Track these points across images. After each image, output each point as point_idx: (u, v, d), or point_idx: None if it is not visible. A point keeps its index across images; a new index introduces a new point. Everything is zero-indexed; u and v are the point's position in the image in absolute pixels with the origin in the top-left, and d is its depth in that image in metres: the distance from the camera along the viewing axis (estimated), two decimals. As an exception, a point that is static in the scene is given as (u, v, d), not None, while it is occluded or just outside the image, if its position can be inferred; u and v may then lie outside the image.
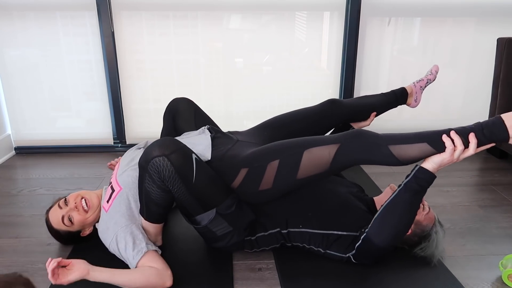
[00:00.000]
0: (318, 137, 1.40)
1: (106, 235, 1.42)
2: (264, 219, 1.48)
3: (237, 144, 1.53)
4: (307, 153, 1.35)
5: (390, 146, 1.29)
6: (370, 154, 1.32)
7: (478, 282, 1.39)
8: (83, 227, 1.51)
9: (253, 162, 1.40)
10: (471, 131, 1.25)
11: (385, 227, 1.34)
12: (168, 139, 1.33)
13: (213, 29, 2.50)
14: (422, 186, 1.30)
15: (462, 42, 2.61)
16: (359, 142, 1.33)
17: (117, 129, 2.65)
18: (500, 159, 2.49)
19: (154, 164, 1.27)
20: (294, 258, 1.50)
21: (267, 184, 1.39)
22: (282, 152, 1.39)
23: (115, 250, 1.39)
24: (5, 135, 2.58)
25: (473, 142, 1.23)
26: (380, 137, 1.32)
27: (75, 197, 1.50)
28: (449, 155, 1.25)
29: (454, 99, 2.74)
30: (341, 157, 1.34)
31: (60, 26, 2.43)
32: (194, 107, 1.80)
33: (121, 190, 1.45)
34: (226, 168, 1.42)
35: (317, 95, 2.68)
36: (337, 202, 1.50)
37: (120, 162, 1.58)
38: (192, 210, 1.37)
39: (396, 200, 1.33)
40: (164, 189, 1.32)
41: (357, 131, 1.36)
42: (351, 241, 1.42)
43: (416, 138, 1.29)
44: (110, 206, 1.45)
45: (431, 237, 1.44)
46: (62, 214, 1.46)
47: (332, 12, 2.51)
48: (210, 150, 1.48)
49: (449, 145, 1.24)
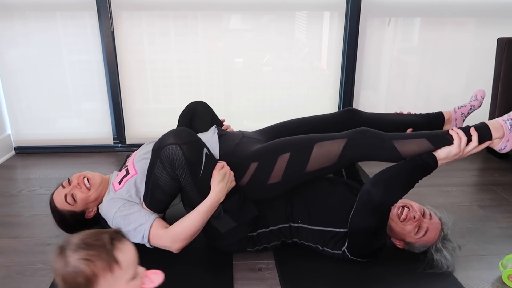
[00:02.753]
0: (326, 134, 1.46)
1: (112, 206, 1.43)
2: (265, 215, 1.48)
3: (244, 139, 1.56)
4: (317, 146, 1.42)
5: (393, 140, 1.39)
6: (375, 148, 1.40)
7: (478, 282, 1.39)
8: (86, 206, 1.52)
9: (264, 156, 1.44)
10: (470, 127, 1.38)
11: (385, 180, 1.34)
12: (184, 129, 1.37)
13: (213, 29, 2.50)
14: (425, 162, 1.36)
15: (462, 42, 2.61)
16: (365, 137, 1.41)
17: (117, 129, 2.65)
18: (500, 159, 2.49)
19: (166, 151, 1.30)
20: (294, 258, 1.50)
21: (276, 177, 1.43)
22: (293, 145, 1.44)
23: (121, 216, 1.40)
24: (5, 135, 2.58)
25: (475, 134, 1.36)
26: (384, 133, 1.42)
27: (78, 176, 1.54)
28: (456, 146, 1.34)
29: (454, 99, 2.74)
30: (348, 151, 1.40)
31: (60, 26, 2.43)
32: (211, 112, 1.85)
33: (136, 174, 1.49)
34: (235, 163, 1.44)
35: (317, 95, 2.68)
36: (336, 199, 1.50)
37: (138, 150, 1.61)
38: (195, 203, 1.38)
39: (399, 165, 1.39)
40: (172, 177, 1.34)
41: (363, 128, 1.44)
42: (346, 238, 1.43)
43: (416, 135, 1.41)
44: (121, 188, 1.48)
45: (431, 256, 1.43)
46: (65, 193, 1.49)
47: (332, 12, 2.51)
48: (218, 148, 1.51)
49: (456, 137, 1.35)
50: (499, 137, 1.38)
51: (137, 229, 1.38)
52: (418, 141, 1.38)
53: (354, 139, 1.41)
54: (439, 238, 1.43)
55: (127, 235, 1.40)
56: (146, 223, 1.38)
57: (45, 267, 1.47)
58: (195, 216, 1.36)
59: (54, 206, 1.51)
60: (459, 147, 1.34)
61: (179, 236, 1.36)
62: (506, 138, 1.38)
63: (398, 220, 1.42)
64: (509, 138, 1.38)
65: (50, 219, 1.54)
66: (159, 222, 1.41)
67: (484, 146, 1.38)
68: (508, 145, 1.39)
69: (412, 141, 1.38)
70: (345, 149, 1.40)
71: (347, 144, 1.40)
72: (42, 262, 1.50)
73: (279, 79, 2.64)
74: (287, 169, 1.42)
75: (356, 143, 1.40)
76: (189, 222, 1.36)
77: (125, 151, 2.65)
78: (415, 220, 1.40)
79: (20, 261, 1.51)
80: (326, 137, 1.44)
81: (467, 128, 1.38)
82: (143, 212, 1.41)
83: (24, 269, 1.47)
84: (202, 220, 1.36)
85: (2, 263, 1.51)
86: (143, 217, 1.39)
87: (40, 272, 1.45)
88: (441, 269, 1.40)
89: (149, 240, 1.39)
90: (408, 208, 1.43)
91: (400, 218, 1.42)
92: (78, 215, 1.52)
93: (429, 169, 1.38)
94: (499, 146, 1.39)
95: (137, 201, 1.46)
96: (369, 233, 1.36)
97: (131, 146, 2.65)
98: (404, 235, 1.43)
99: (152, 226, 1.38)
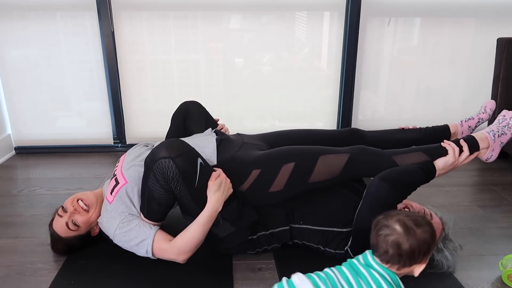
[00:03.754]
0: (330, 147, 1.50)
1: (111, 223, 1.41)
2: (265, 218, 1.48)
3: (244, 145, 1.55)
4: (322, 159, 1.45)
5: (392, 156, 1.46)
6: (376, 163, 1.45)
7: (478, 282, 1.39)
8: (90, 227, 1.50)
9: (267, 164, 1.44)
10: (460, 139, 1.50)
11: (393, 176, 1.37)
12: (176, 141, 1.35)
13: (213, 29, 2.50)
14: (427, 167, 1.43)
15: (462, 42, 2.61)
16: (366, 153, 1.48)
17: (117, 129, 2.65)
18: (500, 159, 2.48)
19: (159, 165, 1.29)
20: (294, 258, 1.50)
21: (279, 186, 1.43)
22: (298, 155, 1.45)
23: (121, 233, 1.38)
24: (5, 135, 2.58)
25: (465, 145, 1.47)
26: (382, 150, 1.49)
27: (71, 201, 1.48)
28: (452, 156, 1.44)
29: (454, 99, 2.74)
30: (351, 166, 1.45)
31: (60, 26, 2.43)
32: (205, 111, 1.82)
33: (126, 183, 1.46)
34: (235, 170, 1.43)
35: (317, 95, 2.68)
36: (338, 199, 1.51)
37: (126, 156, 1.58)
38: (193, 212, 1.37)
39: (404, 167, 1.45)
40: (167, 189, 1.33)
41: (361, 146, 1.51)
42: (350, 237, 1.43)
43: (413, 149, 1.50)
44: (114, 198, 1.45)
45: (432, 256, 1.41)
46: (65, 221, 1.44)
47: (332, 12, 2.51)
48: (216, 154, 1.49)
49: (449, 148, 1.46)
50: (485, 147, 1.51)
51: (140, 244, 1.37)
52: (415, 154, 1.47)
53: (356, 154, 1.46)
54: (440, 238, 1.43)
55: (132, 250, 1.40)
56: (148, 238, 1.37)
57: (45, 267, 1.47)
58: (196, 228, 1.35)
59: (58, 236, 1.46)
60: (454, 156, 1.44)
61: (183, 249, 1.36)
62: (491, 148, 1.52)
63: None
64: (494, 148, 1.52)
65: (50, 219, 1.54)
66: (160, 235, 1.39)
67: (474, 156, 1.50)
68: (494, 155, 1.53)
69: (410, 154, 1.47)
70: (348, 164, 1.45)
71: (350, 159, 1.45)
72: (42, 262, 1.50)
73: (279, 79, 2.64)
74: (291, 179, 1.42)
75: (358, 159, 1.46)
76: (190, 234, 1.35)
77: (125, 151, 2.63)
78: None
79: (20, 261, 1.51)
80: (330, 150, 1.48)
81: (456, 141, 1.49)
82: (142, 227, 1.39)
83: (24, 269, 1.47)
84: (203, 232, 1.36)
85: (2, 263, 1.51)
86: (143, 232, 1.38)
87: (40, 272, 1.45)
88: (441, 269, 1.40)
89: (154, 254, 1.38)
90: (408, 208, 1.44)
91: None
92: (85, 237, 1.50)
93: (429, 176, 1.44)
94: (486, 155, 1.52)
95: (133, 211, 1.43)
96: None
97: (131, 146, 2.62)
98: None
99: (154, 241, 1.37)
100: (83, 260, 1.49)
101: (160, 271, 1.44)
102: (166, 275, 1.42)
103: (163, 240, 1.38)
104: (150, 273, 1.42)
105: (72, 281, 1.39)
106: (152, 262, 1.45)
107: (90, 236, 1.52)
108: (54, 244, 1.50)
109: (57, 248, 1.50)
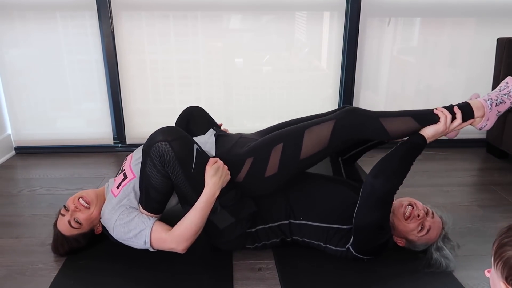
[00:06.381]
0: (315, 120, 1.49)
1: (112, 214, 1.43)
2: (265, 211, 1.49)
3: (241, 139, 1.57)
4: (307, 132, 1.45)
5: (380, 118, 1.42)
6: (363, 126, 1.43)
7: (478, 282, 1.39)
8: (92, 224, 1.51)
9: (258, 150, 1.46)
10: (454, 105, 1.45)
11: (383, 169, 1.37)
12: (172, 127, 1.39)
13: (213, 29, 2.50)
14: (415, 143, 1.41)
15: (462, 42, 2.61)
16: (352, 116, 1.44)
17: (117, 129, 2.65)
18: (500, 159, 2.49)
19: (156, 149, 1.31)
20: (294, 258, 1.50)
21: (273, 169, 1.44)
22: (284, 136, 1.47)
23: (120, 224, 1.39)
24: (5, 135, 2.58)
25: (459, 112, 1.43)
26: (370, 111, 1.46)
27: (72, 200, 1.51)
28: (443, 124, 1.41)
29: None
30: (338, 132, 1.43)
31: (60, 26, 2.43)
32: (208, 116, 1.86)
33: (134, 178, 1.48)
34: (232, 161, 1.45)
35: (317, 95, 2.68)
36: (338, 197, 1.51)
37: (134, 154, 1.60)
38: (191, 200, 1.39)
39: (392, 152, 1.42)
40: (164, 175, 1.35)
41: (349, 107, 1.48)
42: (351, 235, 1.43)
43: (402, 113, 1.46)
44: (120, 192, 1.47)
45: (431, 254, 1.44)
46: (67, 219, 1.46)
47: (332, 12, 2.51)
48: (214, 147, 1.52)
49: (442, 115, 1.42)
50: (480, 116, 1.46)
51: (138, 235, 1.38)
52: (404, 119, 1.43)
53: (341, 119, 1.43)
54: (440, 237, 1.45)
55: (130, 243, 1.41)
56: (146, 229, 1.38)
57: (45, 267, 1.47)
58: (194, 214, 1.36)
59: (62, 235, 1.48)
60: (445, 124, 1.41)
61: (182, 236, 1.36)
62: (486, 117, 1.46)
63: (403, 218, 1.44)
64: (489, 117, 1.46)
65: (50, 219, 1.54)
66: (159, 225, 1.40)
67: (467, 124, 1.46)
68: (488, 124, 1.46)
69: (398, 119, 1.43)
70: (334, 131, 1.43)
71: (336, 125, 1.43)
72: (42, 262, 1.50)
73: (279, 79, 2.64)
74: (282, 159, 1.44)
75: (344, 124, 1.43)
76: (189, 221, 1.36)
77: (125, 151, 2.65)
78: (418, 218, 1.42)
79: (20, 261, 1.51)
80: (315, 122, 1.47)
81: (450, 107, 1.45)
82: (141, 217, 1.40)
83: (24, 269, 1.47)
84: (202, 217, 1.37)
85: (2, 263, 1.51)
86: (142, 223, 1.39)
87: (40, 272, 1.45)
88: (440, 268, 1.41)
89: (152, 245, 1.39)
90: (412, 206, 1.45)
91: (405, 216, 1.44)
92: (88, 235, 1.51)
93: (420, 148, 1.42)
94: (480, 124, 1.47)
95: (135, 205, 1.45)
96: (374, 226, 1.37)
97: (131, 146, 2.65)
98: (407, 232, 1.44)
99: (152, 231, 1.38)
100: (83, 260, 1.49)
101: (160, 271, 1.44)
102: (166, 275, 1.42)
103: (162, 230, 1.39)
104: (150, 273, 1.42)
105: (72, 281, 1.39)
106: (152, 262, 1.46)
107: (93, 234, 1.53)
108: (58, 244, 1.50)
109: (60, 248, 1.51)
